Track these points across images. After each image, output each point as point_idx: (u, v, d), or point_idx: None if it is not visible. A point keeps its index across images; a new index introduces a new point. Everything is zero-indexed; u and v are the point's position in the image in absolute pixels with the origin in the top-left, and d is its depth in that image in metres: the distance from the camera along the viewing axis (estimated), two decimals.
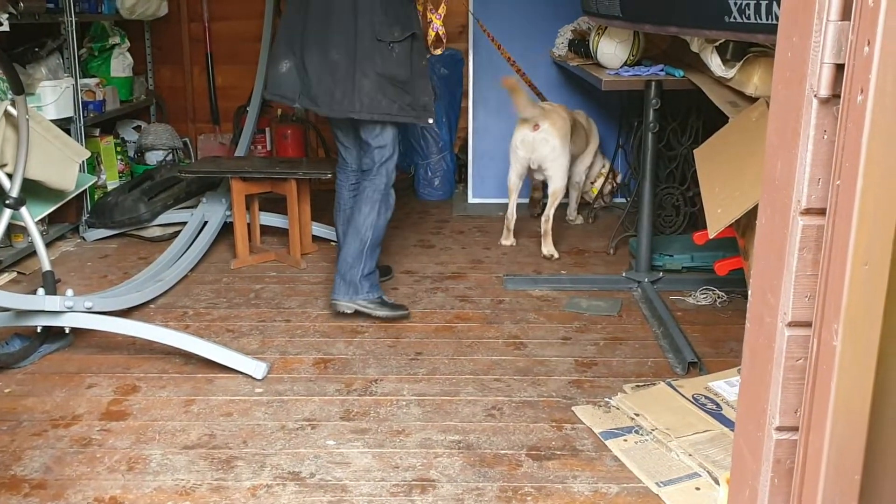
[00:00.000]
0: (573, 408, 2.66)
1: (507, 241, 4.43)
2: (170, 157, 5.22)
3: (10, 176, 3.52)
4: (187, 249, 4.08)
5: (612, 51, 3.85)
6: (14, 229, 3.92)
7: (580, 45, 4.32)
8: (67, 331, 3.09)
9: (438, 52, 3.84)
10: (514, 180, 4.31)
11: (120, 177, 5.02)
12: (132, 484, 2.25)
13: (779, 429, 1.15)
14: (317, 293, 3.70)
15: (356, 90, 3.15)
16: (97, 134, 4.86)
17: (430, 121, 3.32)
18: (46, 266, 3.38)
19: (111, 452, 2.40)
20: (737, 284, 3.49)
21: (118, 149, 5.06)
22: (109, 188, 4.84)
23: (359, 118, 3.21)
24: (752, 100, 3.08)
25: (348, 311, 3.35)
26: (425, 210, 5.19)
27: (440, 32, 3.75)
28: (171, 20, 5.50)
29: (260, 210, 4.34)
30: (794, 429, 1.14)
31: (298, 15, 3.27)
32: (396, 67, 3.15)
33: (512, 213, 4.37)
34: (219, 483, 2.25)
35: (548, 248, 4.21)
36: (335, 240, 4.39)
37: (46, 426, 2.56)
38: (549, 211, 4.21)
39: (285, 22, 3.37)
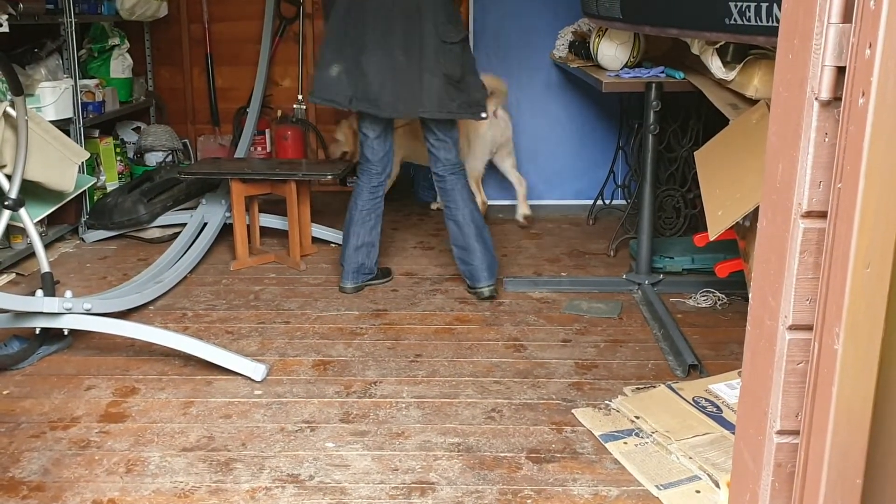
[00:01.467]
0: (573, 410, 2.65)
1: None
2: (169, 159, 5.22)
3: (9, 177, 3.51)
4: (187, 251, 4.07)
5: (612, 53, 3.85)
6: (13, 230, 3.92)
7: (580, 46, 4.31)
8: (66, 332, 3.08)
9: None
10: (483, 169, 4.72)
11: (119, 178, 5.01)
12: (131, 486, 2.24)
13: (780, 432, 1.15)
14: (316, 295, 3.70)
15: (425, 90, 3.34)
16: (96, 135, 4.85)
17: (484, 116, 3.52)
18: (45, 267, 3.37)
19: (110, 454, 2.40)
20: (737, 287, 3.48)
21: (117, 150, 5.06)
22: (109, 189, 4.83)
23: (430, 117, 3.42)
24: (753, 102, 3.07)
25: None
26: (425, 212, 5.19)
27: None
28: (170, 21, 5.49)
29: (259, 211, 4.34)
30: (796, 433, 1.13)
31: (350, 19, 3.32)
32: (454, 67, 3.36)
33: None
34: (217, 485, 2.24)
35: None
36: (336, 242, 4.41)
37: (45, 428, 2.55)
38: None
39: (334, 27, 3.41)
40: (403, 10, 3.31)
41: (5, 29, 3.75)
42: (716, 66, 3.21)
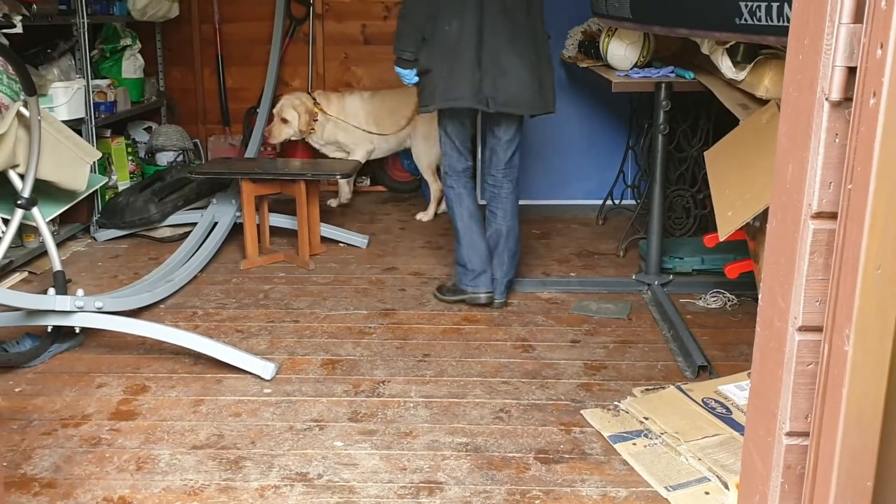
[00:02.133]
0: (582, 411, 2.65)
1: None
2: (180, 158, 5.24)
3: (22, 176, 3.54)
4: (197, 250, 4.09)
5: (622, 52, 3.84)
6: (26, 229, 3.94)
7: (590, 46, 4.31)
8: (78, 330, 3.10)
9: None
10: None
11: (131, 177, 5.04)
12: (141, 484, 2.25)
13: (789, 434, 1.15)
14: (325, 294, 3.70)
15: (544, 87, 3.36)
16: (108, 135, 4.88)
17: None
18: (57, 266, 3.39)
19: (120, 452, 2.41)
20: (747, 287, 3.47)
21: (129, 150, 5.08)
22: (120, 189, 4.85)
23: (537, 113, 3.43)
24: (763, 102, 3.06)
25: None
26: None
27: None
28: (182, 22, 5.51)
29: (269, 211, 4.36)
30: (805, 434, 1.13)
31: (459, 23, 3.21)
32: (550, 61, 3.43)
33: None
34: (227, 483, 2.25)
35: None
36: (344, 241, 4.41)
37: (56, 425, 2.56)
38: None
39: (443, 30, 3.24)
40: (515, 9, 3.26)
41: (19, 30, 3.77)
42: (726, 65, 3.21)
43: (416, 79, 3.37)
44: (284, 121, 4.82)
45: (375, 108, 5.02)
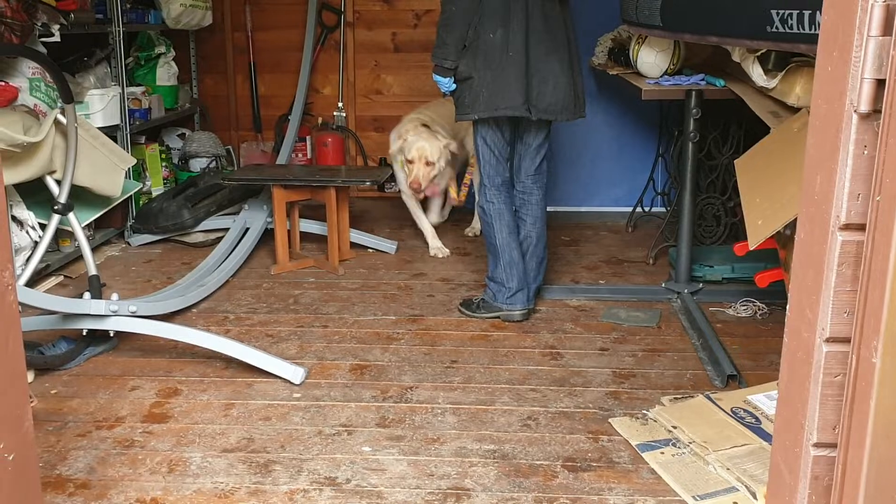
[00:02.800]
0: (610, 419, 2.65)
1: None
2: (213, 165, 5.31)
3: (58, 182, 3.61)
4: (229, 255, 4.14)
5: (652, 60, 3.83)
6: (62, 234, 4.01)
7: (620, 53, 4.30)
8: (112, 334, 3.15)
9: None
10: None
11: (164, 183, 5.11)
12: (173, 486, 2.29)
13: (816, 445, 1.15)
14: (354, 299, 3.73)
15: (577, 93, 3.38)
16: (143, 141, 4.96)
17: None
18: (92, 270, 3.46)
19: (153, 454, 2.45)
20: (778, 296, 3.44)
21: (163, 156, 5.16)
22: (154, 194, 4.92)
23: (571, 119, 3.42)
24: (794, 110, 3.05)
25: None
26: (462, 218, 5.19)
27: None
28: (215, 30, 5.59)
29: (300, 217, 4.40)
30: (833, 445, 1.13)
31: (504, 30, 3.19)
32: (580, 65, 3.43)
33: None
34: (257, 486, 2.28)
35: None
36: (374, 248, 4.43)
37: (90, 427, 2.61)
38: None
39: (486, 38, 3.20)
40: (552, 16, 3.26)
41: (57, 38, 3.86)
42: (757, 73, 3.19)
43: (454, 87, 3.33)
44: (429, 164, 4.21)
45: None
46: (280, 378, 2.92)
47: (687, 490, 2.23)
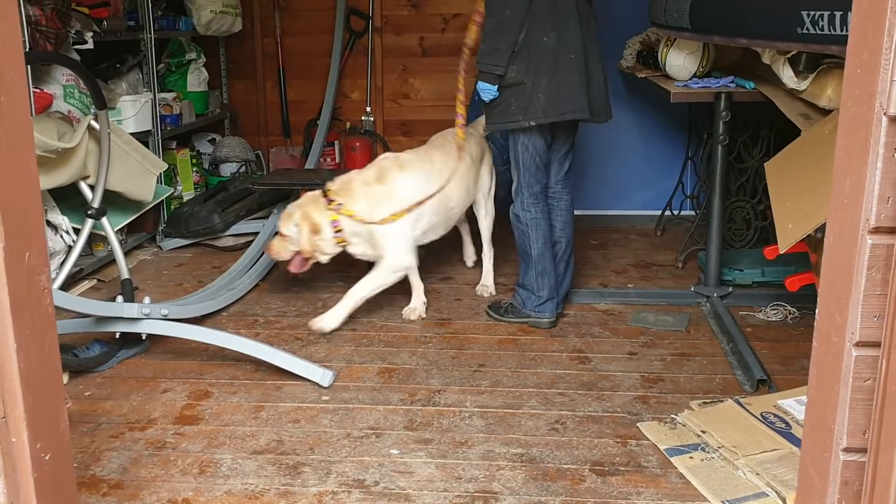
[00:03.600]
0: (638, 424, 2.64)
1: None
2: (243, 169, 5.36)
3: (92, 187, 3.67)
4: (259, 259, 4.18)
5: (680, 62, 3.82)
6: (95, 238, 4.07)
7: (648, 56, 4.29)
8: (144, 337, 3.19)
9: None
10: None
11: (195, 188, 5.17)
12: (203, 487, 2.31)
13: (846, 450, 1.14)
14: (382, 303, 3.75)
15: (604, 92, 3.38)
16: (174, 146, 5.02)
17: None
18: (125, 274, 3.51)
19: (184, 455, 2.48)
20: (809, 300, 3.40)
21: (194, 161, 5.22)
22: (185, 199, 4.99)
23: (605, 121, 3.43)
24: (826, 112, 3.02)
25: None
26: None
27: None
28: (245, 36, 5.65)
29: None
30: (863, 450, 1.12)
31: (557, 34, 3.15)
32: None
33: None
34: (286, 488, 2.30)
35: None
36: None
37: (123, 429, 2.65)
38: None
39: (540, 43, 3.14)
40: (586, 18, 3.26)
41: (90, 45, 3.92)
42: (787, 75, 3.17)
43: (497, 94, 3.21)
44: (284, 234, 3.52)
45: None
46: (309, 381, 2.94)
47: (716, 495, 2.21)
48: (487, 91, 3.23)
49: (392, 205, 3.41)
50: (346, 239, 3.46)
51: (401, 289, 3.86)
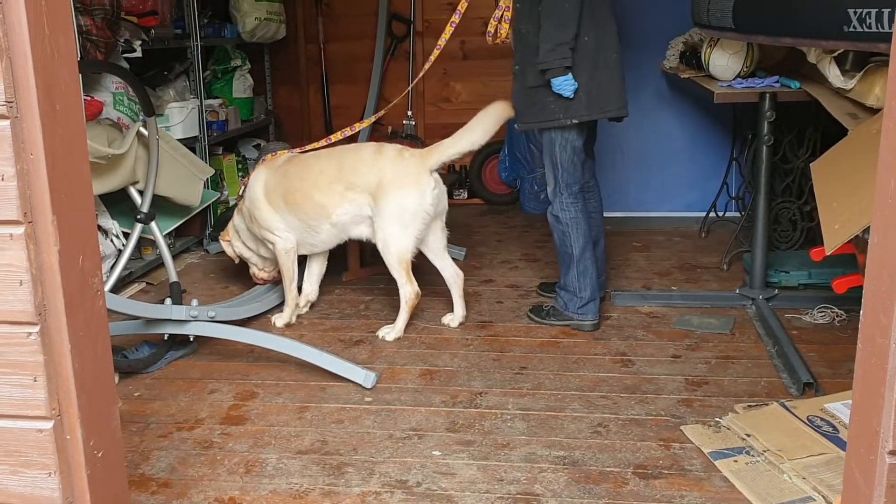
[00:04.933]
0: (682, 427, 2.62)
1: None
2: None
3: (141, 193, 3.75)
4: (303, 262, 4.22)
5: (724, 63, 3.78)
6: (143, 242, 4.16)
7: (691, 57, 4.25)
8: (192, 338, 3.26)
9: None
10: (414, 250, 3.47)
11: (241, 193, 5.24)
12: (249, 486, 2.36)
13: (892, 452, 1.13)
14: (423, 305, 3.77)
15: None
16: (220, 152, 5.11)
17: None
18: (173, 277, 3.58)
19: (230, 455, 2.53)
20: (856, 303, 3.32)
21: (239, 166, 5.30)
22: (231, 204, 5.06)
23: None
24: (873, 111, 2.97)
25: None
26: (530, 224, 5.21)
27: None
28: (289, 42, 5.73)
29: None
30: None
31: (595, 34, 3.21)
32: None
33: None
34: (330, 488, 2.33)
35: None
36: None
37: (171, 429, 2.71)
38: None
39: (582, 41, 3.18)
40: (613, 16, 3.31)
41: (138, 53, 4.01)
42: (834, 74, 3.12)
43: (576, 85, 3.20)
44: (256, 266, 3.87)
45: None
46: (352, 382, 2.97)
47: (761, 499, 2.19)
48: (567, 82, 3.18)
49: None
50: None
51: (440, 295, 3.89)
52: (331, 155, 3.54)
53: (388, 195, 3.31)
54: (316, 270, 3.80)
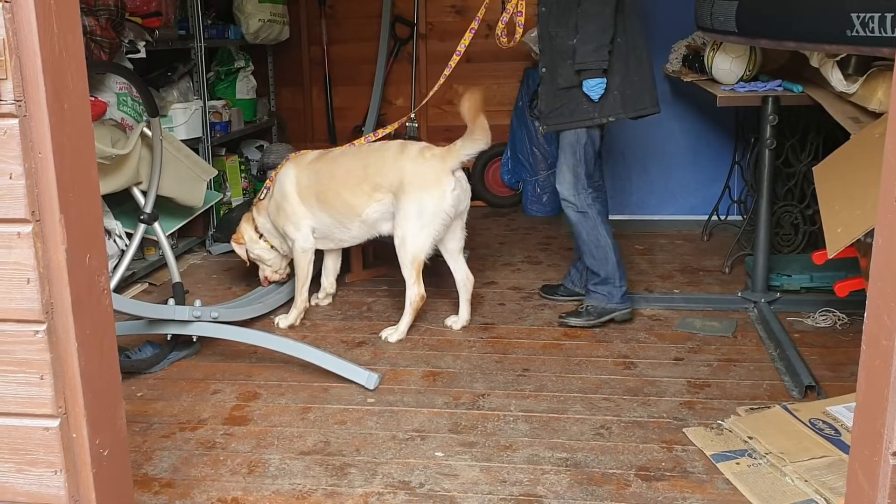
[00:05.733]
0: (684, 429, 2.62)
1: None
2: None
3: (144, 193, 3.76)
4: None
5: (727, 66, 3.79)
6: (146, 243, 4.17)
7: (694, 60, 4.26)
8: (195, 339, 3.26)
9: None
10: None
11: (244, 194, 5.26)
12: (252, 486, 2.36)
13: None
14: (425, 307, 3.76)
15: None
16: (223, 153, 5.11)
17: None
18: (176, 278, 3.59)
19: (233, 455, 2.53)
20: (858, 306, 3.33)
21: (242, 167, 5.30)
22: (234, 204, 5.07)
23: None
24: (876, 115, 2.97)
25: None
26: (533, 226, 5.22)
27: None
28: (292, 44, 5.74)
29: None
30: None
31: (625, 35, 3.28)
32: None
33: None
34: (333, 489, 2.34)
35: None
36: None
37: (174, 429, 2.71)
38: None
39: (615, 40, 3.25)
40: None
41: (142, 54, 4.02)
42: (836, 78, 3.13)
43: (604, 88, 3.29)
44: (259, 260, 3.85)
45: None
46: (355, 383, 2.98)
47: (763, 502, 2.19)
48: (601, 85, 3.26)
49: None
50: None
51: (443, 296, 3.89)
52: (357, 154, 3.58)
53: (408, 194, 3.34)
54: (332, 266, 3.88)
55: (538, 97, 3.50)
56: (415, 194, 3.32)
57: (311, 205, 3.55)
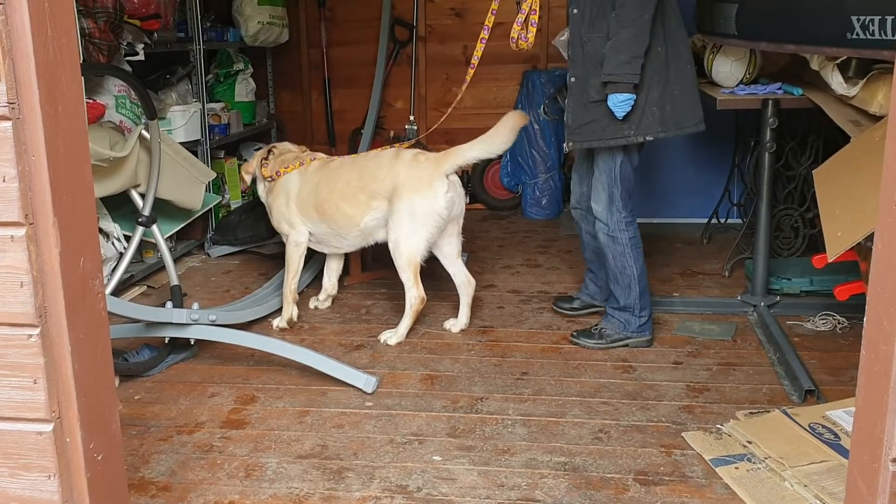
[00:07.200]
0: (683, 433, 2.61)
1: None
2: None
3: (142, 196, 3.75)
4: (304, 265, 4.22)
5: (727, 69, 3.78)
6: (145, 246, 4.16)
7: (694, 63, 4.25)
8: (193, 342, 3.25)
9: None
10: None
11: (242, 196, 5.25)
12: (249, 490, 2.35)
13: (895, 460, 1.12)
14: (424, 310, 3.75)
15: None
16: (222, 156, 5.10)
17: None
18: (174, 280, 3.58)
19: (230, 459, 2.52)
20: (858, 310, 3.31)
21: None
22: (233, 207, 5.06)
23: None
24: (876, 118, 2.97)
25: None
26: (532, 229, 5.21)
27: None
28: (291, 47, 5.74)
29: None
30: None
31: (664, 47, 3.04)
32: None
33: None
34: (330, 493, 2.33)
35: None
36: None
37: (172, 432, 2.70)
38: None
39: (655, 52, 3.01)
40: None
41: (141, 57, 4.02)
42: (836, 81, 3.12)
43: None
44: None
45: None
46: (353, 387, 2.97)
47: None
48: (628, 101, 3.00)
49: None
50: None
51: (442, 299, 3.88)
52: (354, 164, 3.58)
53: (401, 197, 3.34)
54: (335, 267, 3.90)
55: (564, 108, 3.29)
56: (407, 197, 3.32)
57: (311, 217, 3.58)
